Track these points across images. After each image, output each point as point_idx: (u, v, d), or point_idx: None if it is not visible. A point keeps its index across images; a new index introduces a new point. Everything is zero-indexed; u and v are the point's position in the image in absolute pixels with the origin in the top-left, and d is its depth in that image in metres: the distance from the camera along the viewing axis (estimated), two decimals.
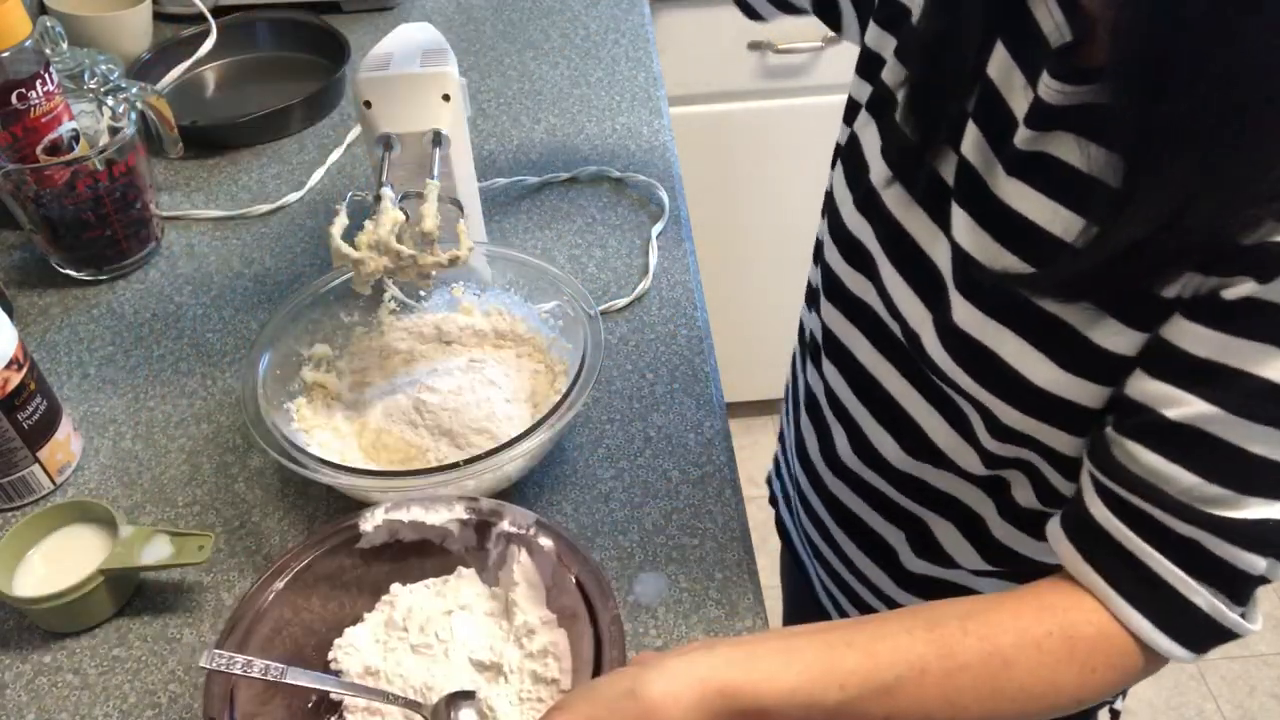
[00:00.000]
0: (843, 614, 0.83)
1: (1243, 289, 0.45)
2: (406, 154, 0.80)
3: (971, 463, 0.63)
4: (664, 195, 1.00)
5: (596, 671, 0.56)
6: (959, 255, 0.58)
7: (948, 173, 0.59)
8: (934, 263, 0.61)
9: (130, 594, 0.71)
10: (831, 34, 0.80)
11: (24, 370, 0.73)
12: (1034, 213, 0.53)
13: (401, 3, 1.34)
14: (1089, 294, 0.52)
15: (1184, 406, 0.49)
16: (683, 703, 0.49)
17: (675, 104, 1.49)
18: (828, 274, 0.71)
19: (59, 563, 0.69)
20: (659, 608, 0.69)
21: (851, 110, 0.70)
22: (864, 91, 0.68)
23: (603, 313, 0.84)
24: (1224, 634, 0.52)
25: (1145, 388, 0.50)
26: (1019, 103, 0.54)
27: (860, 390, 0.70)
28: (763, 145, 1.63)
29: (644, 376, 0.84)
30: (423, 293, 0.84)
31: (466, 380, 0.78)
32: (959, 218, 0.58)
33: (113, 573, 0.68)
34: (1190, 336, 0.48)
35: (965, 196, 0.57)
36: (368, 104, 0.78)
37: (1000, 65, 0.55)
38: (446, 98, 0.78)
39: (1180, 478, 0.49)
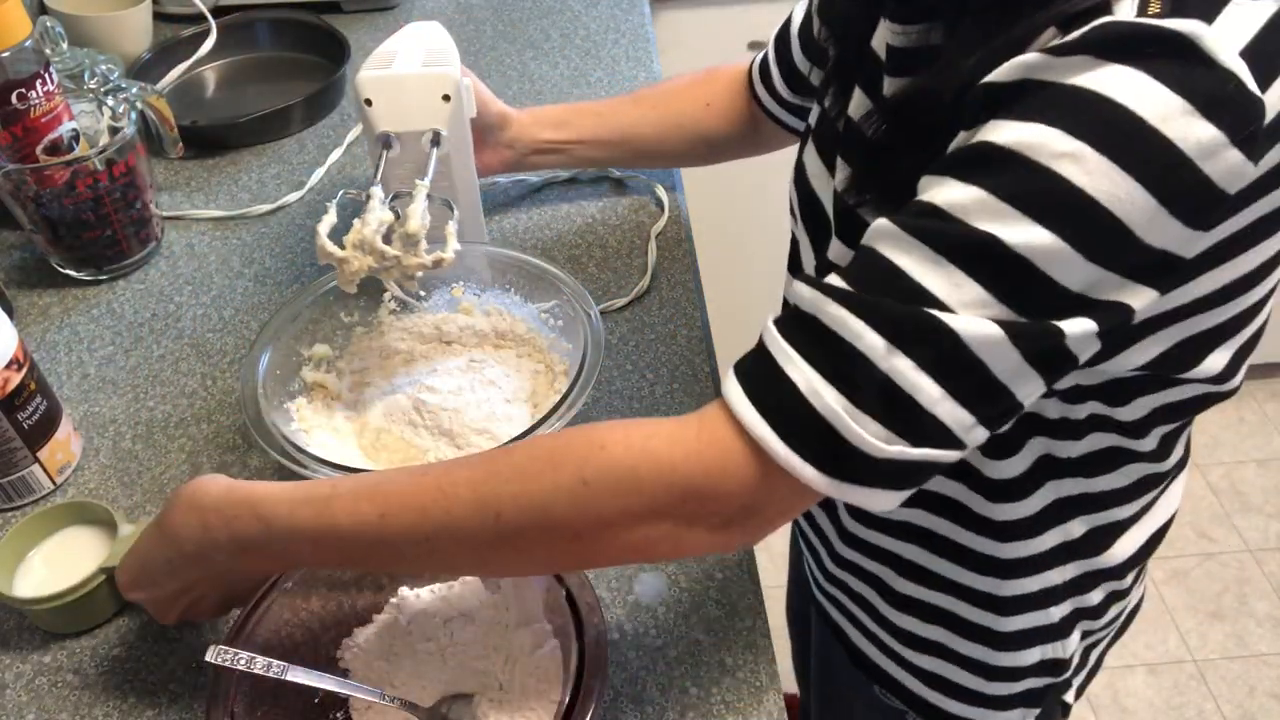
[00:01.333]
0: (825, 594, 0.83)
1: (964, 138, 0.47)
2: (406, 153, 0.80)
3: None
4: (664, 195, 1.01)
5: (576, 690, 0.56)
6: (837, 198, 0.63)
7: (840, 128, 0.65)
8: (825, 212, 0.66)
9: None
10: None
11: (24, 370, 0.73)
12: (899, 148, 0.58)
13: (401, 3, 1.34)
14: (878, 185, 0.57)
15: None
16: (179, 508, 0.58)
17: None
18: (791, 247, 0.76)
19: (59, 563, 0.69)
20: (659, 608, 0.69)
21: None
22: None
23: (603, 312, 0.84)
24: (821, 427, 0.47)
25: None
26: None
27: None
28: None
29: (644, 376, 0.84)
30: (422, 293, 0.84)
31: (466, 380, 0.78)
32: (839, 164, 0.63)
33: (113, 571, 0.67)
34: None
35: (848, 146, 0.63)
36: (368, 102, 0.78)
37: (880, 38, 0.61)
38: (447, 98, 0.78)
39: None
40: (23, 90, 0.85)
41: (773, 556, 1.77)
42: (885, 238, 0.47)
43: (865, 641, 0.78)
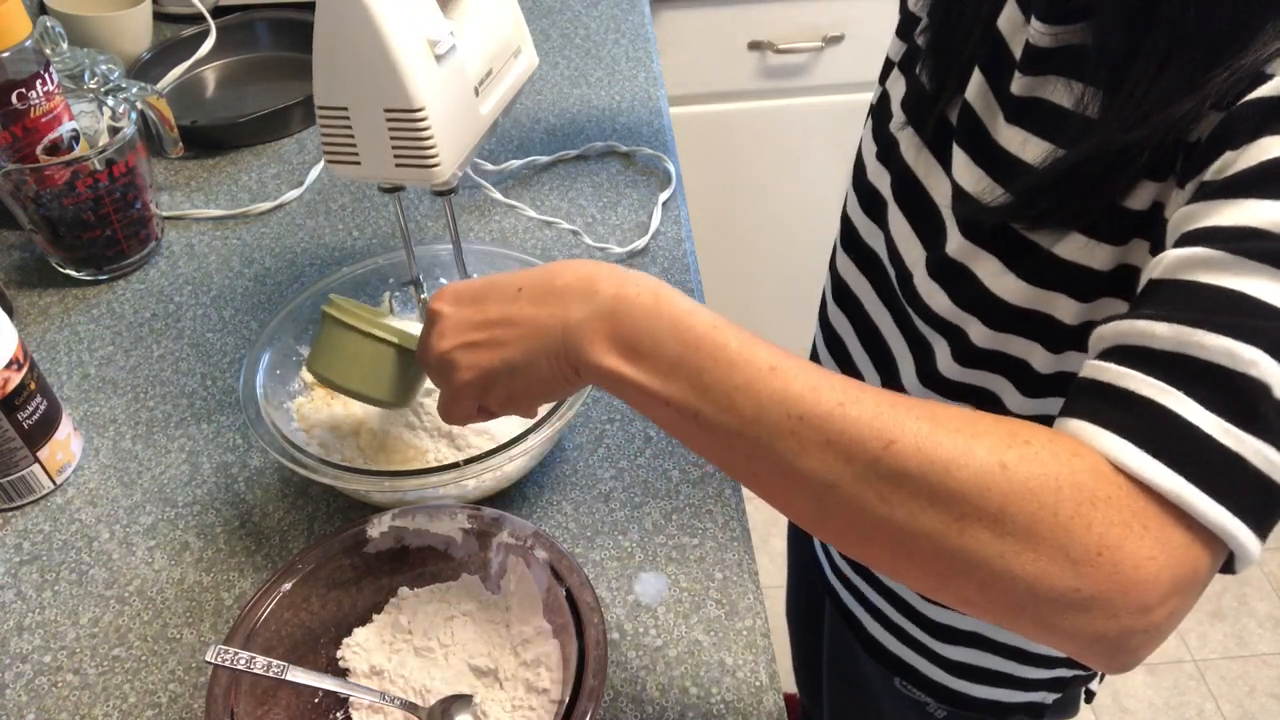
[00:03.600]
0: (846, 584, 0.83)
1: (1230, 159, 0.44)
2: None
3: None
4: (670, 167, 1.00)
5: (577, 689, 0.56)
6: (956, 191, 0.60)
7: (955, 117, 0.62)
8: (935, 204, 0.63)
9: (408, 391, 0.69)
10: (832, 33, 0.82)
11: (24, 370, 0.73)
12: (1029, 154, 0.55)
13: None
14: (1052, 212, 0.53)
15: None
16: (576, 260, 0.52)
17: (675, 104, 1.49)
18: (846, 224, 0.75)
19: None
20: (659, 608, 0.69)
21: (887, 70, 0.73)
22: (899, 51, 0.71)
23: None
24: (1249, 474, 0.40)
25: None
26: (1019, 51, 0.57)
27: (863, 338, 0.73)
28: (763, 145, 1.63)
29: None
30: (424, 295, 0.84)
31: None
32: (959, 156, 0.60)
33: (401, 346, 0.66)
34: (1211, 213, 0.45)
35: (965, 137, 0.60)
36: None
37: (1009, 17, 0.58)
38: None
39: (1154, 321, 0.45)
40: (23, 90, 0.85)
41: (773, 557, 1.77)
42: (1206, 266, 0.42)
43: (886, 633, 0.78)
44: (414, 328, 0.67)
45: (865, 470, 0.42)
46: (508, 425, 0.75)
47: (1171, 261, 0.44)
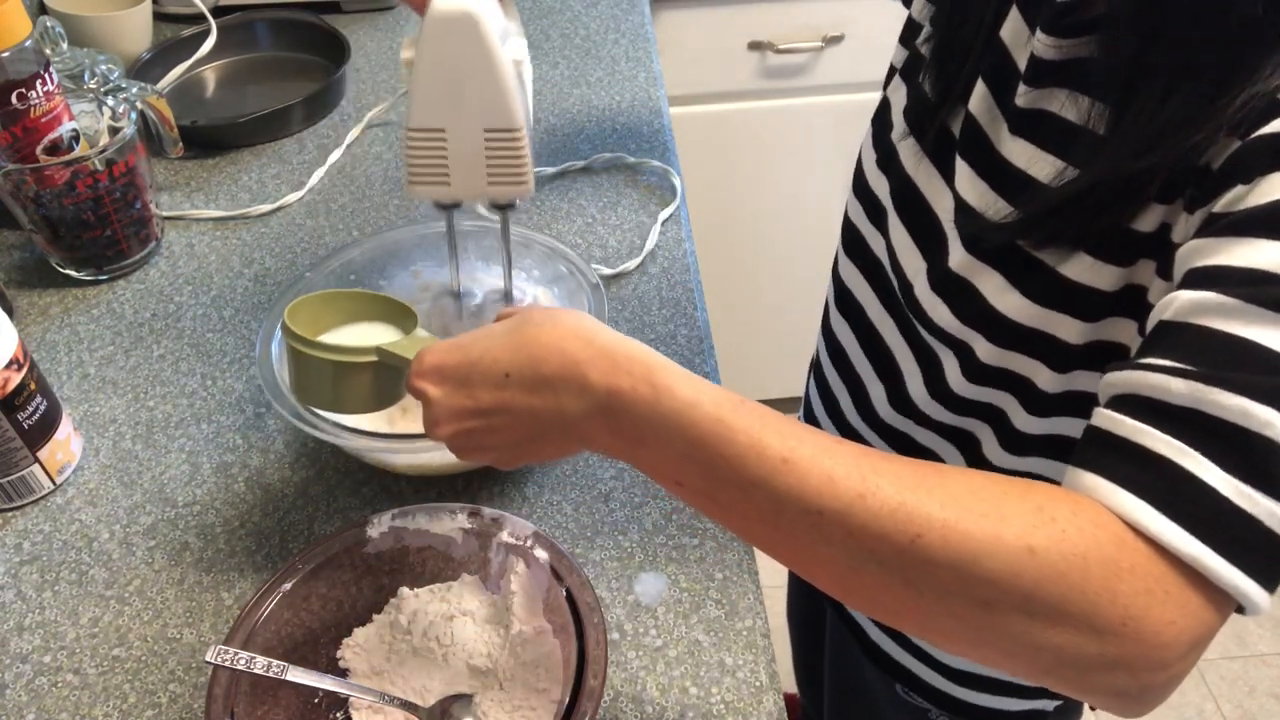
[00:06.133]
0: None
1: (1241, 193, 0.44)
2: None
3: (940, 414, 0.65)
4: (676, 182, 1.00)
5: (577, 689, 0.56)
6: (959, 204, 0.60)
7: (957, 128, 0.62)
8: (936, 215, 0.63)
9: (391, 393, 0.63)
10: (832, 33, 0.82)
11: (24, 370, 0.73)
12: (1033, 167, 0.55)
13: (402, 3, 1.34)
14: (1060, 233, 0.53)
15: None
16: (562, 329, 0.49)
17: (675, 104, 1.49)
18: (848, 230, 0.74)
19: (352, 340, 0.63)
20: (659, 608, 0.69)
21: (890, 77, 0.73)
22: (903, 58, 0.71)
23: (607, 280, 0.85)
24: (1262, 536, 0.40)
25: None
26: (1024, 62, 0.56)
27: (866, 346, 0.73)
28: (763, 145, 1.63)
29: None
30: (464, 307, 0.85)
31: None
32: (962, 169, 0.60)
33: (390, 356, 0.59)
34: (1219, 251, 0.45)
35: (968, 149, 0.60)
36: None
37: (1012, 28, 0.58)
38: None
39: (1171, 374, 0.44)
40: (23, 90, 0.85)
41: None
42: (1220, 313, 0.42)
43: (888, 640, 0.78)
44: (381, 331, 0.64)
45: (891, 560, 0.42)
46: None
47: (1183, 305, 0.43)
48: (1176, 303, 0.44)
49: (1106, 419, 0.44)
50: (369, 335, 0.64)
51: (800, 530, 0.44)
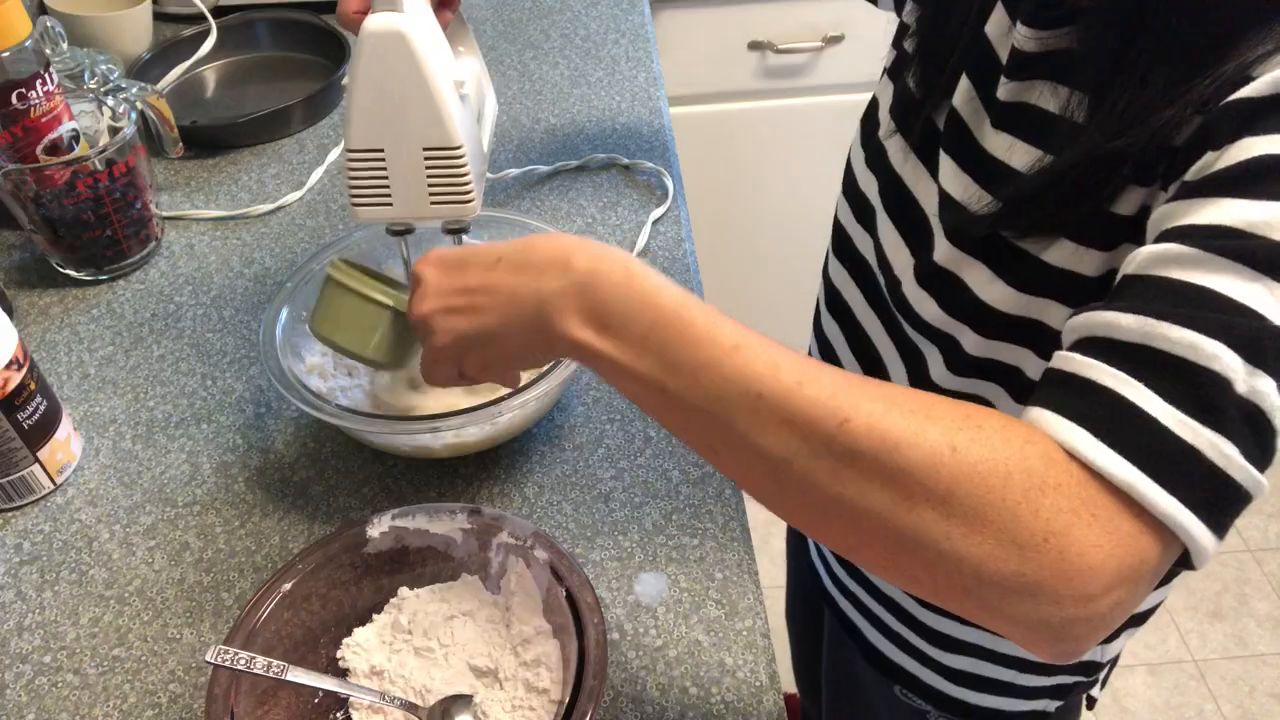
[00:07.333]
0: (845, 592, 0.83)
1: (1211, 159, 0.44)
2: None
3: None
4: (669, 183, 1.00)
5: (577, 689, 0.56)
6: (943, 198, 0.60)
7: (942, 123, 0.62)
8: (923, 211, 0.63)
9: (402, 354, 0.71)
10: (832, 33, 0.81)
11: (24, 370, 0.73)
12: (1016, 159, 0.55)
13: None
14: (1040, 219, 0.53)
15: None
16: (552, 234, 0.53)
17: (675, 104, 1.49)
18: (838, 231, 0.75)
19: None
20: (659, 608, 0.69)
21: (881, 78, 0.73)
22: (891, 58, 0.71)
23: None
24: (1204, 468, 0.40)
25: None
26: (1006, 56, 0.57)
27: (855, 348, 0.73)
28: (763, 145, 1.64)
29: None
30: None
31: None
32: (945, 163, 0.60)
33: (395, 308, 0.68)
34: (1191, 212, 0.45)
35: (952, 143, 0.60)
36: None
37: (997, 22, 0.58)
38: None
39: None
40: (23, 90, 0.85)
41: (773, 557, 1.77)
42: (1177, 263, 0.42)
43: (885, 641, 0.78)
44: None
45: (819, 447, 0.43)
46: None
47: (1145, 257, 0.44)
48: (1139, 256, 0.44)
49: (1059, 359, 0.45)
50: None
51: (740, 414, 0.45)
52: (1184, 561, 0.42)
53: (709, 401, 0.46)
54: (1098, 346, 0.43)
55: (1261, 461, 0.41)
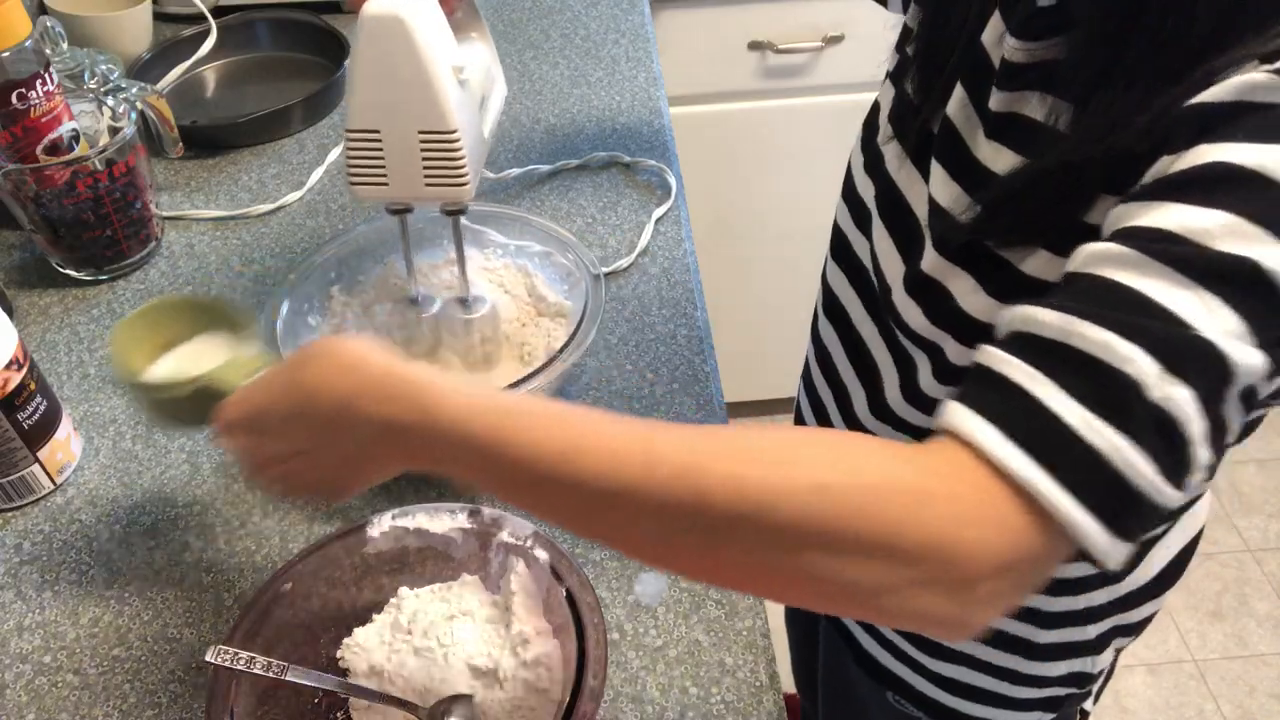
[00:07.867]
0: None
1: (1166, 163, 0.44)
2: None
3: (914, 417, 0.65)
4: (671, 181, 1.00)
5: (577, 689, 0.56)
6: (932, 206, 0.60)
7: (936, 130, 0.62)
8: (917, 218, 0.63)
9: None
10: (832, 34, 0.81)
11: (24, 370, 0.73)
12: (999, 167, 0.55)
13: None
14: (1016, 226, 0.53)
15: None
16: (328, 365, 0.49)
17: (675, 104, 1.49)
18: (837, 235, 0.75)
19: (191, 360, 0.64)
20: (659, 608, 0.69)
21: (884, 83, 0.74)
22: (894, 63, 0.71)
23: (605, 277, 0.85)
24: (1107, 472, 0.40)
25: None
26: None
27: (850, 351, 0.73)
28: (763, 145, 1.63)
29: (644, 376, 0.84)
30: (424, 314, 0.85)
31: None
32: (936, 171, 0.60)
33: (208, 388, 0.59)
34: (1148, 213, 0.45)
35: (943, 151, 0.60)
36: None
37: (993, 31, 0.58)
38: None
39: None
40: (23, 90, 0.85)
41: None
42: (1114, 262, 0.43)
43: (879, 648, 0.78)
44: (219, 344, 0.65)
45: (686, 524, 0.43)
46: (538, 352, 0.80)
47: (1086, 255, 0.44)
48: (1082, 254, 0.44)
49: (981, 352, 0.44)
50: (207, 349, 0.65)
51: (602, 514, 0.45)
52: (1088, 559, 0.42)
53: (565, 508, 0.46)
54: (1019, 342, 0.43)
55: (1174, 472, 0.40)
